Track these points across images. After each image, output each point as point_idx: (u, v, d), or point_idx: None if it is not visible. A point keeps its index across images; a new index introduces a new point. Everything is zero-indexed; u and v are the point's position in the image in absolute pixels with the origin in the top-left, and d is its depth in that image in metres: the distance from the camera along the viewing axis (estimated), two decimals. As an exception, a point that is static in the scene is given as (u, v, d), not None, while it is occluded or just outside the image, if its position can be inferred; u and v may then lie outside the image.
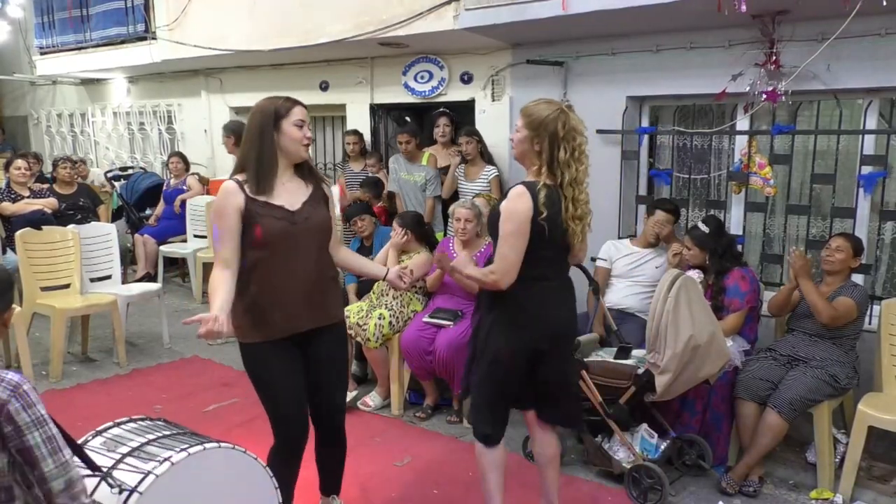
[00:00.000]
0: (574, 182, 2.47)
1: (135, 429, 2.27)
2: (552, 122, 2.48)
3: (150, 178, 7.75)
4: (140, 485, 1.94)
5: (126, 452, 2.09)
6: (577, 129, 2.51)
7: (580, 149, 2.49)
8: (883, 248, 4.10)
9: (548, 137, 2.47)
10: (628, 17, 4.01)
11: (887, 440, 3.49)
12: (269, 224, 2.40)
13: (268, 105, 2.44)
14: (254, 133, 2.43)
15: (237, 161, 2.53)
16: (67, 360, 4.90)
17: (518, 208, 2.43)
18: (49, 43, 8.45)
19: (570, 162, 2.46)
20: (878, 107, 3.96)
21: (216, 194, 2.47)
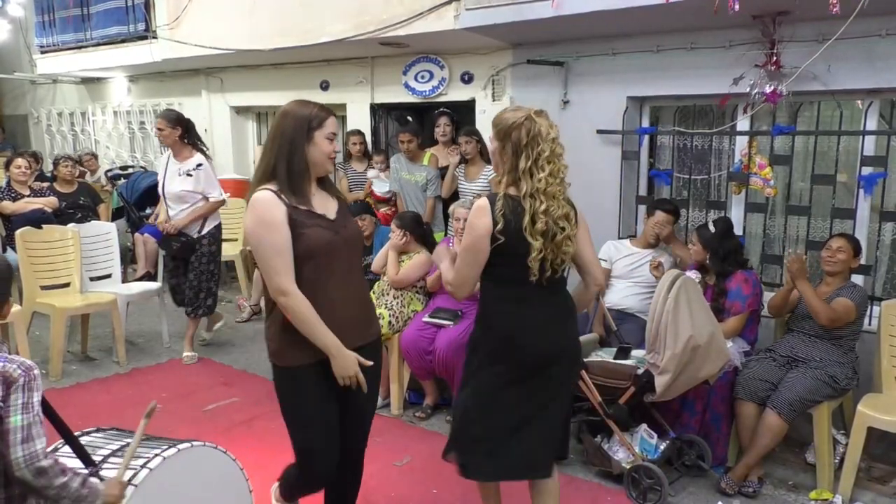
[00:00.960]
0: (537, 193, 2.28)
1: (102, 437, 2.32)
2: (515, 130, 2.31)
3: (150, 177, 7.72)
4: (135, 477, 1.98)
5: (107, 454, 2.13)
6: (542, 135, 2.29)
7: (543, 155, 2.29)
8: (882, 248, 4.10)
9: (510, 146, 2.32)
10: (629, 17, 4.01)
11: (887, 441, 3.49)
12: (317, 234, 2.19)
13: (301, 111, 2.24)
14: (284, 140, 2.22)
15: (261, 168, 2.27)
16: (67, 359, 4.90)
17: (475, 223, 2.31)
18: (49, 42, 8.45)
19: (531, 170, 2.29)
20: (878, 108, 3.96)
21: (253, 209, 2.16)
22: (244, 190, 7.17)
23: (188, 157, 4.82)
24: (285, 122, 2.24)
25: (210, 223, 4.92)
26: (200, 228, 4.87)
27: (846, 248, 3.47)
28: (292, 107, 2.27)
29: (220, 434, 3.74)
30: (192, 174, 4.77)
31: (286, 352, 2.27)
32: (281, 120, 2.25)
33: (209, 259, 4.90)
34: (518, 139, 2.30)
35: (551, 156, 2.32)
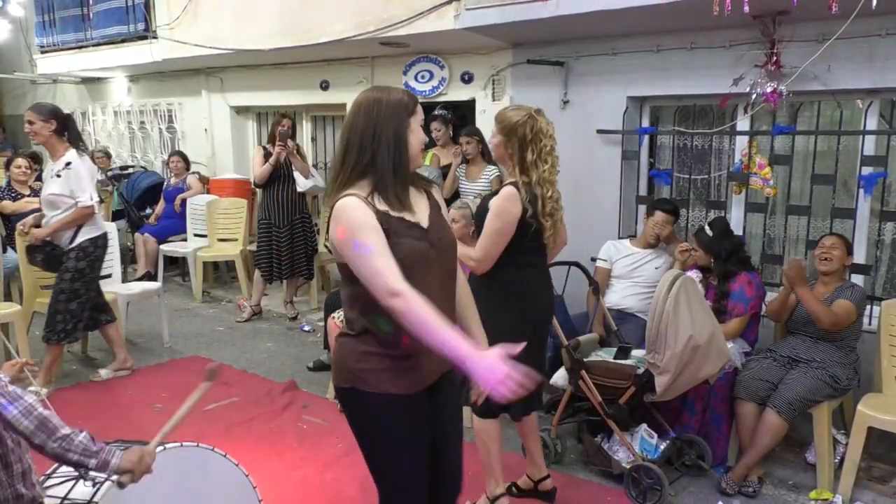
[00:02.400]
0: (542, 181, 2.71)
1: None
2: (521, 127, 2.72)
3: (150, 176, 7.75)
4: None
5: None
6: (543, 131, 2.74)
7: (545, 150, 2.73)
8: (883, 248, 4.10)
9: (517, 141, 2.72)
10: (629, 17, 4.01)
11: (887, 441, 3.49)
12: (410, 246, 1.90)
13: (394, 96, 1.94)
14: (384, 131, 1.90)
15: (348, 168, 1.94)
16: (67, 359, 4.90)
17: (512, 210, 2.69)
18: (50, 41, 8.45)
19: (537, 163, 2.71)
20: (878, 107, 3.96)
21: (341, 216, 1.87)
22: (245, 190, 7.24)
23: (61, 155, 4.21)
24: (380, 111, 1.91)
25: (84, 234, 4.27)
26: (72, 239, 4.25)
27: (839, 246, 3.47)
28: (380, 94, 1.95)
29: (219, 434, 3.75)
30: (60, 175, 4.16)
31: (379, 377, 1.92)
32: (372, 109, 1.91)
33: (74, 277, 4.23)
34: (524, 135, 2.71)
35: (551, 150, 2.76)
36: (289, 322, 5.96)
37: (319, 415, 4.06)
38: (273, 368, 4.87)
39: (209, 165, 7.90)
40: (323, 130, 7.33)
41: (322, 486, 3.29)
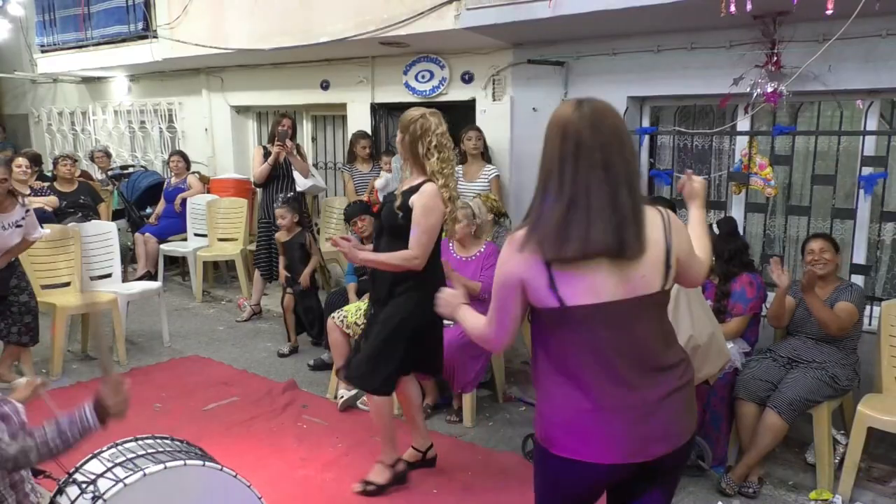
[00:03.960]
0: (434, 173, 2.99)
1: (148, 444, 2.26)
2: (413, 124, 2.99)
3: (150, 176, 7.75)
4: (107, 492, 1.95)
5: (118, 462, 2.10)
6: (430, 129, 2.98)
7: (432, 144, 2.97)
8: (883, 249, 4.10)
9: (409, 137, 3.01)
10: (629, 17, 4.01)
11: (887, 441, 3.49)
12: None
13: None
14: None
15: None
16: (67, 359, 4.90)
17: (439, 205, 2.98)
18: (50, 41, 8.46)
19: (427, 156, 2.99)
20: (878, 108, 3.96)
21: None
22: (245, 190, 7.24)
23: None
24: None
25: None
26: None
27: (828, 248, 3.46)
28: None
29: (219, 433, 3.75)
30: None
31: (575, 439, 1.67)
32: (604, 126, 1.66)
33: None
34: (414, 131, 2.99)
35: (438, 145, 3.00)
36: (289, 322, 5.96)
37: (319, 414, 4.06)
38: (273, 368, 4.87)
39: (209, 165, 7.90)
40: (323, 130, 7.33)
41: (322, 485, 3.29)
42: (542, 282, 1.62)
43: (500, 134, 5.31)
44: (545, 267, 1.61)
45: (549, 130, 1.67)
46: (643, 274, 1.66)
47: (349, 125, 6.51)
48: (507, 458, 3.61)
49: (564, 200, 1.59)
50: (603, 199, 1.59)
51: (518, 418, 4.15)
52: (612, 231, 1.59)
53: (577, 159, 1.60)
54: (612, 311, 1.63)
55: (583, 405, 1.64)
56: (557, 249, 1.59)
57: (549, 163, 1.65)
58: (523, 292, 1.67)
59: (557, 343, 1.68)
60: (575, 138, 1.61)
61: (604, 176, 1.59)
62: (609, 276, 1.62)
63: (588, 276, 1.61)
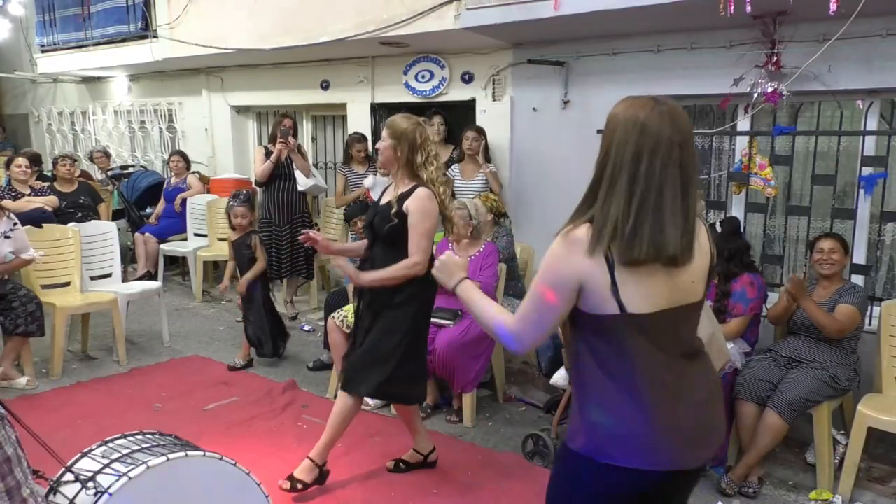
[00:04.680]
0: (430, 181, 3.01)
1: (138, 440, 2.26)
2: (411, 133, 2.99)
3: (150, 176, 7.75)
4: (112, 486, 1.94)
5: (115, 458, 2.09)
6: (429, 139, 3.05)
7: (431, 154, 3.03)
8: (883, 249, 4.10)
9: (407, 145, 2.99)
10: (629, 17, 4.01)
11: (887, 441, 3.49)
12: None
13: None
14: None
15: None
16: (67, 359, 4.90)
17: (435, 207, 3.00)
18: (50, 41, 8.46)
19: (425, 164, 3.01)
20: (878, 108, 3.96)
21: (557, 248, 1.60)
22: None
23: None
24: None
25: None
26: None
27: (837, 249, 3.46)
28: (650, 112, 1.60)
29: (219, 433, 3.75)
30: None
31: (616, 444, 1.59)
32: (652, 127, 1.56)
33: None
34: (413, 139, 2.99)
35: (436, 155, 3.07)
36: (289, 322, 5.95)
37: (319, 414, 4.05)
38: (273, 368, 4.87)
39: (209, 165, 7.90)
40: (323, 130, 7.33)
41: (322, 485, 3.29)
42: (604, 286, 1.51)
43: (501, 134, 5.31)
44: (609, 270, 1.50)
45: (620, 125, 1.56)
46: (693, 280, 1.61)
47: (349, 125, 6.51)
48: (507, 457, 3.61)
49: (636, 199, 1.50)
50: (676, 200, 1.51)
51: (518, 418, 4.15)
52: (681, 234, 1.52)
53: (653, 156, 1.50)
54: (665, 318, 1.56)
55: (639, 414, 1.57)
56: (629, 252, 1.48)
57: (618, 159, 1.53)
58: (576, 295, 1.55)
59: (610, 350, 1.58)
60: (655, 134, 1.51)
61: (678, 175, 1.52)
62: (665, 281, 1.55)
63: (646, 281, 1.53)
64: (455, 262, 1.92)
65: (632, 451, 1.58)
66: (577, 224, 1.55)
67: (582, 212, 1.59)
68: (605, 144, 1.57)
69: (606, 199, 1.53)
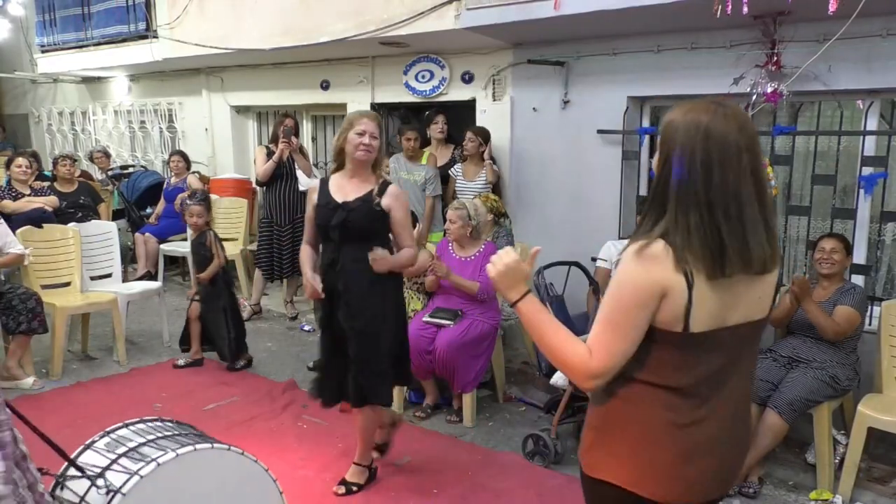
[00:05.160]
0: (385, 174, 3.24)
1: (141, 430, 2.26)
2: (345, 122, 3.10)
3: (150, 176, 7.75)
4: (124, 486, 1.94)
5: (121, 453, 2.09)
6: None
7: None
8: (883, 249, 4.10)
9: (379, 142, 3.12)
10: (629, 17, 4.01)
11: (887, 441, 3.49)
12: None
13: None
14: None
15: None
16: (67, 359, 4.90)
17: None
18: (50, 41, 8.46)
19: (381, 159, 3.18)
20: (878, 108, 3.96)
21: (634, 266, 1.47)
22: (245, 190, 7.24)
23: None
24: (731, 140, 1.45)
25: None
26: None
27: (839, 249, 3.46)
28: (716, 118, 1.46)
29: (220, 433, 3.72)
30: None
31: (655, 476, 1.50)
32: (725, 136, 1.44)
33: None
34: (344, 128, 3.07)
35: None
36: (289, 321, 5.96)
37: (319, 414, 4.05)
38: (273, 368, 4.87)
39: (210, 165, 7.90)
40: (323, 130, 7.33)
41: (321, 485, 3.29)
42: (682, 303, 1.41)
43: (501, 134, 5.31)
44: (688, 288, 1.41)
45: (681, 131, 1.44)
46: (760, 295, 1.51)
47: (349, 125, 6.50)
48: (507, 457, 3.61)
49: (715, 210, 1.40)
50: (753, 208, 1.42)
51: (518, 418, 4.15)
52: (765, 242, 1.43)
53: (724, 163, 1.41)
54: (731, 336, 1.48)
55: (688, 439, 1.48)
56: (716, 266, 1.40)
57: (684, 167, 1.42)
58: (653, 313, 1.44)
59: (664, 367, 1.48)
60: (721, 139, 1.41)
61: (752, 182, 1.42)
62: (740, 295, 1.47)
63: (721, 296, 1.44)
64: (521, 269, 1.60)
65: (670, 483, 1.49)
66: (650, 240, 1.44)
67: (648, 226, 1.48)
68: (665, 152, 1.47)
69: (679, 212, 1.42)
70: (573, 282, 4.01)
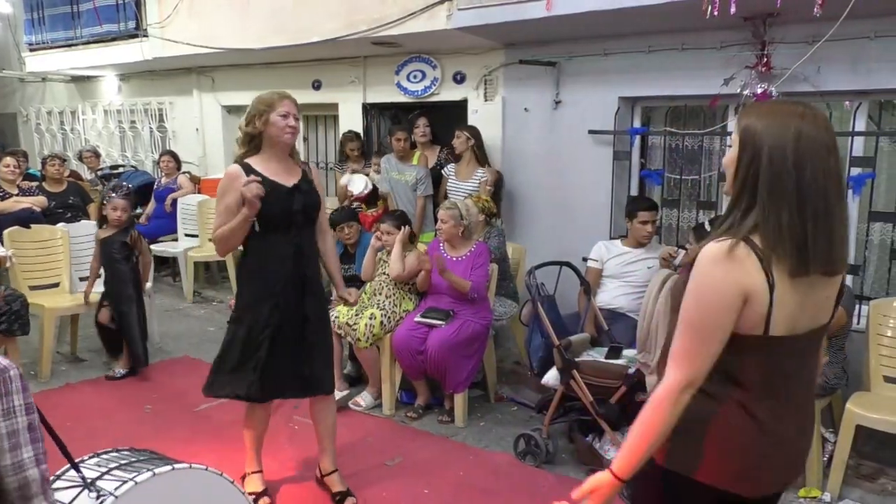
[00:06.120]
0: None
1: (131, 453, 2.26)
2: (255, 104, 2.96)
3: (140, 176, 7.72)
4: (117, 490, 1.93)
5: (114, 466, 2.09)
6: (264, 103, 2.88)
7: None
8: (871, 248, 4.13)
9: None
10: (620, 17, 4.02)
11: (875, 439, 3.51)
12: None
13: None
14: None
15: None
16: (56, 360, 4.87)
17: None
18: (39, 39, 8.40)
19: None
20: (866, 109, 3.99)
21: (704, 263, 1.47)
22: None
23: None
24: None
25: None
26: None
27: None
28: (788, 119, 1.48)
29: (211, 435, 3.74)
30: None
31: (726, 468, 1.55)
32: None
33: None
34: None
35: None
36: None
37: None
38: (264, 368, 4.84)
39: (200, 165, 7.87)
40: (315, 130, 7.32)
41: (311, 487, 3.28)
42: (764, 305, 1.44)
43: (492, 134, 5.32)
44: (769, 288, 1.43)
45: (772, 132, 1.45)
46: (828, 295, 1.54)
47: (341, 125, 6.50)
48: (499, 458, 3.62)
49: (806, 208, 1.42)
50: (840, 208, 1.46)
51: (510, 418, 4.16)
52: (845, 243, 1.47)
53: (815, 164, 1.43)
54: (803, 339, 1.52)
55: (765, 438, 1.53)
56: (803, 264, 1.43)
57: (776, 167, 1.43)
58: (738, 315, 1.46)
59: (745, 370, 1.51)
60: (812, 140, 1.44)
61: (836, 181, 1.46)
62: (812, 296, 1.49)
63: (798, 297, 1.46)
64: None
65: (736, 473, 1.55)
66: (735, 239, 1.44)
67: (737, 219, 1.48)
68: (752, 152, 1.47)
69: (771, 209, 1.43)
70: (564, 282, 4.02)
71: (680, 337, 1.49)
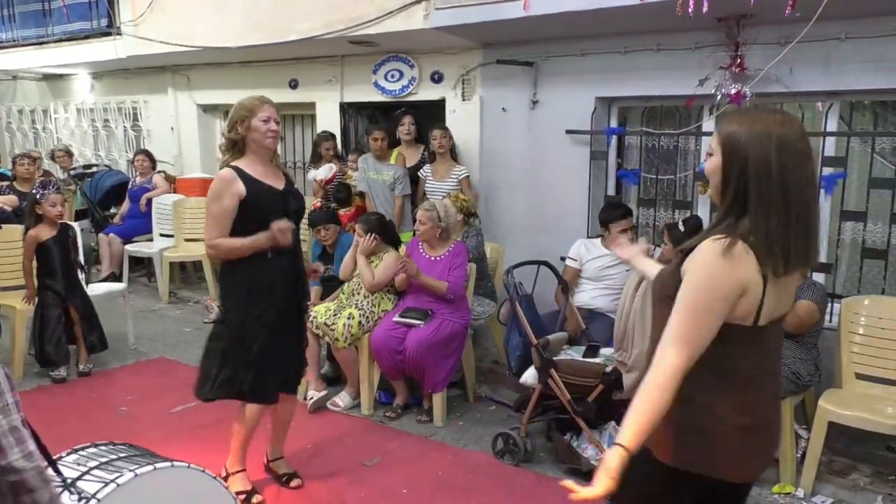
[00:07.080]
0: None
1: (110, 449, 2.23)
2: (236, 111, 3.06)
3: (114, 175, 7.61)
4: (99, 492, 1.90)
5: (94, 465, 2.06)
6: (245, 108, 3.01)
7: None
8: (843, 247, 4.20)
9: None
10: (597, 18, 4.05)
11: (847, 435, 3.57)
12: None
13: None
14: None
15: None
16: (28, 362, 4.78)
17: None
18: (9, 37, 8.23)
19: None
20: (838, 109, 4.05)
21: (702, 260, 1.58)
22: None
23: None
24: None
25: None
26: None
27: None
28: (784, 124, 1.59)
29: (185, 436, 3.70)
30: None
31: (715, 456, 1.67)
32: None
33: None
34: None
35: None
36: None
37: (288, 416, 4.02)
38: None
39: (176, 164, 7.77)
40: (292, 130, 7.27)
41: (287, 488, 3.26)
42: (757, 298, 1.58)
43: (470, 134, 5.32)
44: (763, 284, 1.57)
45: (755, 140, 1.55)
46: (795, 286, 1.73)
47: (318, 124, 6.46)
48: (477, 457, 3.62)
49: (791, 213, 1.54)
50: (816, 212, 1.60)
51: (488, 417, 4.16)
52: (818, 242, 1.66)
53: (798, 170, 1.55)
54: (775, 326, 1.69)
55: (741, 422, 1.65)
56: (785, 264, 1.56)
57: (764, 177, 1.54)
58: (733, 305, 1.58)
59: (725, 357, 1.63)
60: (792, 147, 1.55)
61: (813, 185, 1.60)
62: (786, 288, 1.66)
63: (778, 291, 1.62)
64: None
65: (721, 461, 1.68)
66: (733, 240, 1.54)
67: (731, 223, 1.59)
68: (737, 161, 1.57)
69: (760, 216, 1.55)
70: (542, 281, 4.03)
71: (680, 323, 1.57)
